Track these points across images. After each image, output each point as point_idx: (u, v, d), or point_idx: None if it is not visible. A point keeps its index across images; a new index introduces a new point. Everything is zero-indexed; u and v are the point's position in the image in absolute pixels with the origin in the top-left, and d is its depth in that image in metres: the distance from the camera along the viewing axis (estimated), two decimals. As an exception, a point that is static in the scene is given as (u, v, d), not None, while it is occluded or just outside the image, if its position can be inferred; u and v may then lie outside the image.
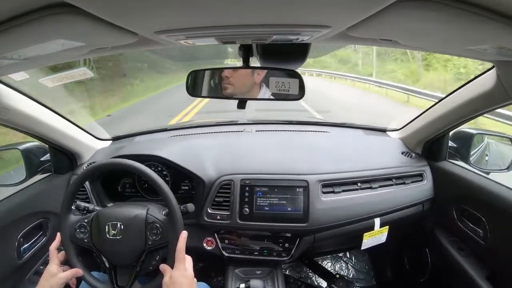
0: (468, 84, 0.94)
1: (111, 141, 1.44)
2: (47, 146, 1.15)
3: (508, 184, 0.94)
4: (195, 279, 0.79)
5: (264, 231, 1.11)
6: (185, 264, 0.79)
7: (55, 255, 0.82)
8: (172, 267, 0.79)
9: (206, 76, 0.81)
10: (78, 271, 0.83)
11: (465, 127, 1.15)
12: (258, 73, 0.76)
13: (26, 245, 1.03)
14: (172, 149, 1.19)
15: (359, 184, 1.13)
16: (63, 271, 0.81)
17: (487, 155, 1.15)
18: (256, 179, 1.09)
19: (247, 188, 1.08)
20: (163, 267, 0.80)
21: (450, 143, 1.18)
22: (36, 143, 1.15)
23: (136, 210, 0.86)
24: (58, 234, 0.86)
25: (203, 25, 0.48)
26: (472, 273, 0.99)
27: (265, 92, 0.77)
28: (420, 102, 6.30)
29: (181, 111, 6.04)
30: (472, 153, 1.11)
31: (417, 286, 1.39)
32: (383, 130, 1.48)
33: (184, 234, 0.81)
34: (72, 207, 0.91)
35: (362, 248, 1.18)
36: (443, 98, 1.08)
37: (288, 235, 1.11)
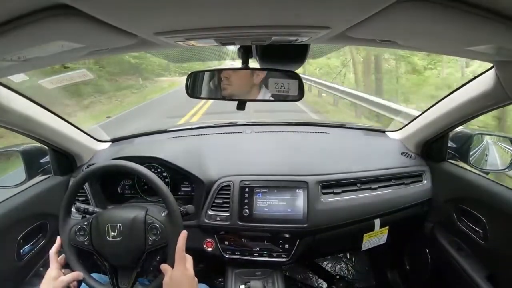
0: (467, 85, 0.94)
1: (110, 143, 1.44)
2: (46, 147, 1.15)
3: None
4: (195, 278, 0.79)
5: (264, 232, 1.11)
6: (186, 263, 0.78)
7: (55, 259, 0.82)
8: (172, 267, 0.79)
9: (206, 77, 0.81)
10: (79, 274, 0.82)
11: (465, 128, 1.15)
12: (258, 74, 0.76)
13: (26, 247, 1.03)
14: (172, 151, 1.18)
15: (358, 185, 1.12)
16: (64, 274, 0.80)
17: (486, 155, 1.16)
18: (256, 180, 1.08)
19: (246, 189, 1.08)
20: (164, 266, 0.80)
21: (450, 144, 1.18)
22: (35, 144, 1.14)
23: (135, 211, 0.86)
24: (58, 237, 0.86)
25: (203, 26, 0.48)
26: (472, 273, 0.99)
27: (264, 93, 0.77)
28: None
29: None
30: (471, 153, 1.11)
31: (417, 287, 1.39)
32: (383, 131, 1.49)
33: (183, 234, 0.81)
34: (72, 209, 0.91)
35: (363, 249, 1.18)
36: (442, 99, 1.08)
37: (288, 236, 1.11)
